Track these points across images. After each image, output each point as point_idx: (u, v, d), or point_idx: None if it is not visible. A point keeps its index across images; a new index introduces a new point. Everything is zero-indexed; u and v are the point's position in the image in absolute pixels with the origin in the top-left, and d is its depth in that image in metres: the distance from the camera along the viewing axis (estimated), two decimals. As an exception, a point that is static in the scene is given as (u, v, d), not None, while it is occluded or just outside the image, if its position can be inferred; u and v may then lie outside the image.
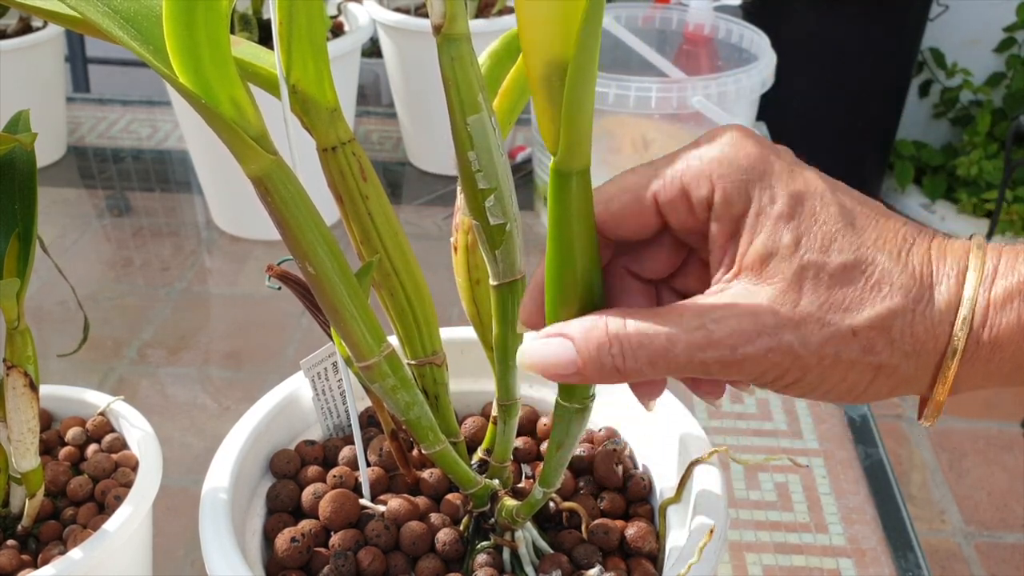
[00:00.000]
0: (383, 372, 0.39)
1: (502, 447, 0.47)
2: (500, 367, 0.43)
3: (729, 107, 0.90)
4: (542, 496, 0.43)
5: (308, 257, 0.36)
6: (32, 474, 0.49)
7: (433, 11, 0.34)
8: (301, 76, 0.38)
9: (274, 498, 0.48)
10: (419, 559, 0.45)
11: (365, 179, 0.40)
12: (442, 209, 1.08)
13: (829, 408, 0.79)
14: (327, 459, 0.51)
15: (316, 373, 0.50)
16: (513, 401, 0.45)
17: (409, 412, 0.41)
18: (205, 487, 0.45)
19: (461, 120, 0.35)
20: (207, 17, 0.32)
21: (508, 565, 0.45)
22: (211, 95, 0.33)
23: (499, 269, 0.39)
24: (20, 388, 0.47)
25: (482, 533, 0.46)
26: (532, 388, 0.54)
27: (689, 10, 1.05)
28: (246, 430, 0.49)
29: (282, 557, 0.44)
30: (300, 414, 0.52)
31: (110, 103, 1.34)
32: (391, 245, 0.42)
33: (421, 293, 0.44)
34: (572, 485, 0.49)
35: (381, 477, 0.49)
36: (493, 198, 0.37)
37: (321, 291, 0.37)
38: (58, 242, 1.03)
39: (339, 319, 0.38)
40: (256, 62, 0.41)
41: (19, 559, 0.48)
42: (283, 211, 0.35)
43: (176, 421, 0.78)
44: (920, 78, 2.39)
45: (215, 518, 0.43)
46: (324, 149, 0.39)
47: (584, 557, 0.44)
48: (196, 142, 1.00)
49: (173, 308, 0.92)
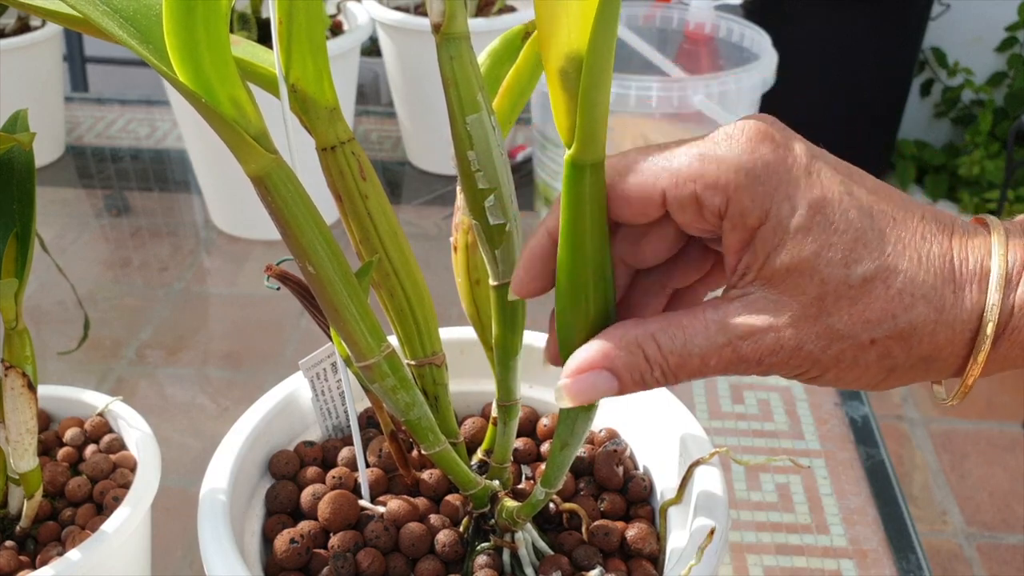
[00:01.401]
0: (383, 372, 0.39)
1: (502, 448, 0.46)
2: (500, 368, 0.43)
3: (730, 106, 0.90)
4: (544, 496, 0.43)
5: (308, 257, 0.36)
6: (30, 475, 0.49)
7: (432, 10, 0.33)
8: (300, 75, 0.38)
9: (273, 499, 0.48)
10: (419, 560, 0.45)
11: (364, 178, 0.40)
12: (442, 209, 1.07)
13: (830, 409, 0.79)
14: (326, 460, 0.51)
15: (315, 374, 0.50)
16: (513, 402, 0.44)
17: (409, 413, 0.41)
18: (204, 488, 0.45)
19: (460, 119, 0.35)
20: (207, 16, 0.32)
21: (508, 567, 0.45)
22: (211, 94, 0.33)
23: (499, 269, 0.39)
24: (18, 388, 0.47)
25: (482, 534, 0.46)
26: (532, 389, 0.54)
27: (690, 9, 1.05)
28: (245, 431, 0.49)
29: (281, 558, 0.44)
30: (299, 415, 0.52)
31: (108, 103, 1.34)
32: (390, 245, 0.42)
33: (420, 293, 0.44)
34: (572, 486, 0.49)
35: (380, 478, 0.49)
36: (493, 198, 0.36)
37: (321, 291, 0.37)
38: (56, 242, 1.02)
39: (339, 319, 0.38)
40: (255, 61, 0.41)
41: (17, 560, 0.48)
42: (283, 210, 0.35)
43: (175, 422, 0.77)
44: (921, 77, 2.39)
45: (214, 519, 0.43)
46: (323, 148, 0.39)
47: (584, 558, 0.44)
48: (194, 142, 1.00)
49: (171, 308, 0.92)
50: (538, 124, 0.99)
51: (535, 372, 0.53)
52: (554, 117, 0.34)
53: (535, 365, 0.45)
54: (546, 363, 0.37)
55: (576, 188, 0.33)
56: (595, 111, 0.32)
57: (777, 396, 0.80)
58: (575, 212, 0.34)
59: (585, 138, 0.33)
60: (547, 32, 0.32)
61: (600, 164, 0.33)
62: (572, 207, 0.34)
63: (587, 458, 0.50)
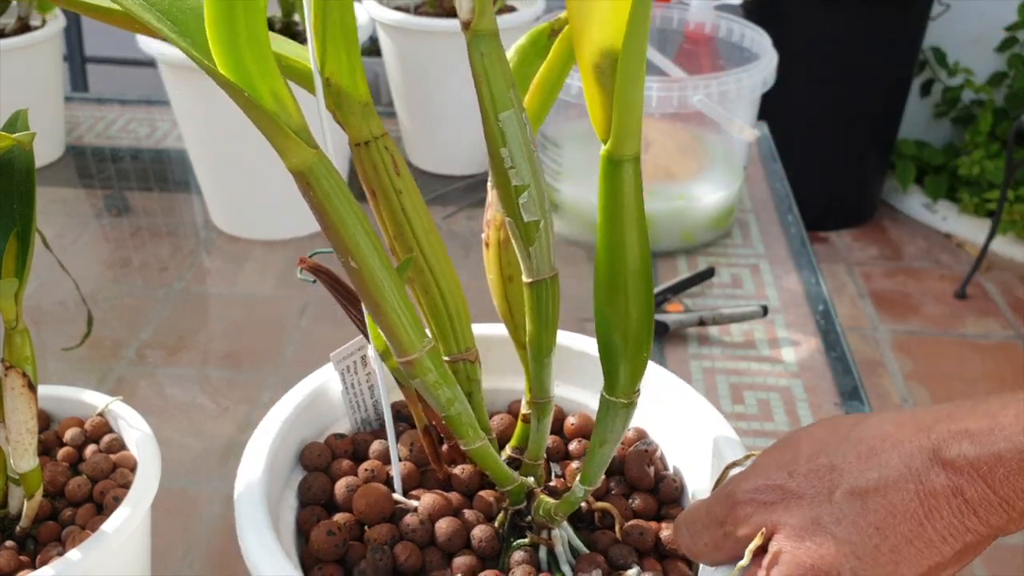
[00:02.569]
0: (425, 367, 0.39)
1: (536, 445, 0.46)
2: (534, 365, 0.43)
3: (730, 106, 0.90)
4: (583, 494, 0.43)
5: (350, 251, 0.36)
6: (30, 475, 0.49)
7: (462, 7, 0.33)
8: (335, 69, 0.38)
9: (306, 490, 0.48)
10: (454, 555, 0.45)
11: (398, 173, 0.40)
12: (442, 209, 1.07)
13: (830, 409, 0.79)
14: (357, 453, 0.51)
15: (345, 367, 0.50)
16: (548, 399, 0.44)
17: (450, 408, 0.41)
18: (239, 480, 0.45)
19: (493, 116, 0.35)
20: (247, 10, 0.32)
21: (544, 564, 0.45)
22: (252, 88, 0.33)
23: (533, 266, 0.39)
24: (18, 388, 0.47)
25: (517, 531, 0.46)
26: (559, 388, 0.54)
27: (690, 9, 1.05)
28: (277, 422, 0.49)
29: (318, 550, 0.44)
30: (328, 407, 0.52)
31: (108, 102, 1.34)
32: (424, 241, 0.42)
33: (454, 289, 0.44)
34: (603, 486, 0.49)
35: (412, 472, 0.49)
36: (527, 195, 0.37)
37: (363, 286, 0.37)
38: (56, 242, 1.02)
39: (381, 314, 0.38)
40: (290, 56, 0.41)
41: (18, 560, 0.48)
42: (325, 205, 0.35)
43: (174, 422, 0.77)
44: (921, 77, 2.39)
45: (252, 511, 0.43)
46: (357, 144, 0.40)
47: (620, 558, 0.44)
48: (194, 142, 1.00)
49: (171, 308, 0.92)
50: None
51: (563, 371, 0.53)
52: (589, 113, 0.34)
53: (563, 364, 0.45)
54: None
55: (613, 183, 0.33)
56: (631, 106, 0.32)
57: (777, 396, 0.80)
58: (613, 207, 0.34)
59: (621, 133, 0.33)
60: (580, 28, 0.33)
61: (637, 158, 0.34)
62: (610, 202, 0.34)
63: (618, 457, 0.49)
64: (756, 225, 1.04)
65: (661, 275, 0.94)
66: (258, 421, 0.49)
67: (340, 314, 0.45)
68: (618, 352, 0.38)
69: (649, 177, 0.99)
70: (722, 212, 1.00)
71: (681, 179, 1.00)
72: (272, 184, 0.98)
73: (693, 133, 1.00)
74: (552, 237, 0.38)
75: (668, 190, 0.99)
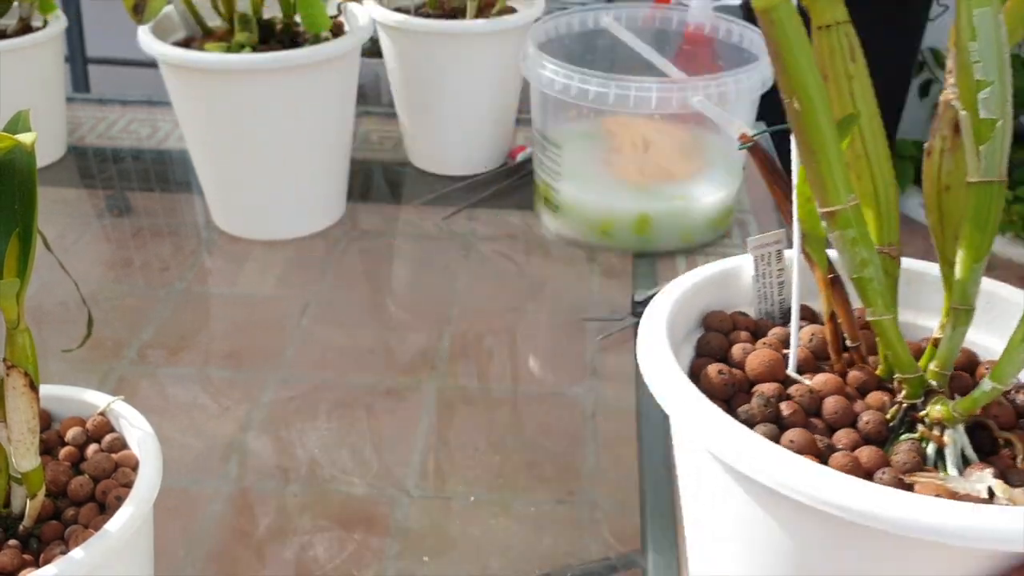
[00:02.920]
0: (846, 220, 0.40)
1: (947, 351, 0.45)
2: (963, 270, 0.43)
3: (730, 107, 0.90)
4: (990, 390, 0.41)
5: (797, 92, 0.38)
6: (33, 474, 0.49)
7: None
8: None
9: (704, 344, 0.50)
10: (837, 430, 0.45)
11: (854, 60, 0.42)
12: (442, 209, 1.08)
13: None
14: (757, 331, 0.53)
15: (761, 254, 0.52)
16: (969, 307, 0.43)
17: (864, 270, 0.42)
18: (645, 315, 0.48)
19: (967, 11, 0.38)
20: None
21: (931, 461, 0.43)
22: None
23: (981, 166, 0.39)
24: (20, 388, 0.47)
25: (907, 425, 0.45)
26: (977, 334, 0.51)
27: (689, 10, 1.05)
28: (689, 281, 0.51)
29: (708, 385, 0.46)
30: (737, 289, 0.55)
31: (110, 103, 1.34)
32: (867, 128, 0.43)
33: (889, 179, 0.45)
34: (1011, 417, 0.46)
35: (808, 359, 0.50)
36: (989, 91, 0.38)
37: (802, 130, 0.39)
38: (58, 242, 1.03)
39: (813, 161, 0.39)
40: None
41: (21, 559, 0.48)
42: (782, 43, 0.38)
43: (176, 421, 0.77)
44: (920, 78, 2.40)
45: (656, 338, 0.46)
46: (819, 27, 0.42)
47: (1018, 481, 0.41)
48: (196, 142, 1.00)
49: (173, 308, 0.92)
50: (538, 124, 0.99)
51: (981, 318, 0.50)
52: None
53: (981, 311, 0.46)
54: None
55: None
56: None
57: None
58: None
59: None
60: None
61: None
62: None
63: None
64: (755, 226, 1.05)
65: (660, 275, 0.95)
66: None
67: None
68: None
69: (648, 177, 0.99)
70: (721, 212, 1.00)
71: (680, 179, 1.01)
72: (273, 184, 0.98)
73: (692, 133, 1.01)
74: (1008, 143, 0.39)
75: (667, 190, 0.99)
